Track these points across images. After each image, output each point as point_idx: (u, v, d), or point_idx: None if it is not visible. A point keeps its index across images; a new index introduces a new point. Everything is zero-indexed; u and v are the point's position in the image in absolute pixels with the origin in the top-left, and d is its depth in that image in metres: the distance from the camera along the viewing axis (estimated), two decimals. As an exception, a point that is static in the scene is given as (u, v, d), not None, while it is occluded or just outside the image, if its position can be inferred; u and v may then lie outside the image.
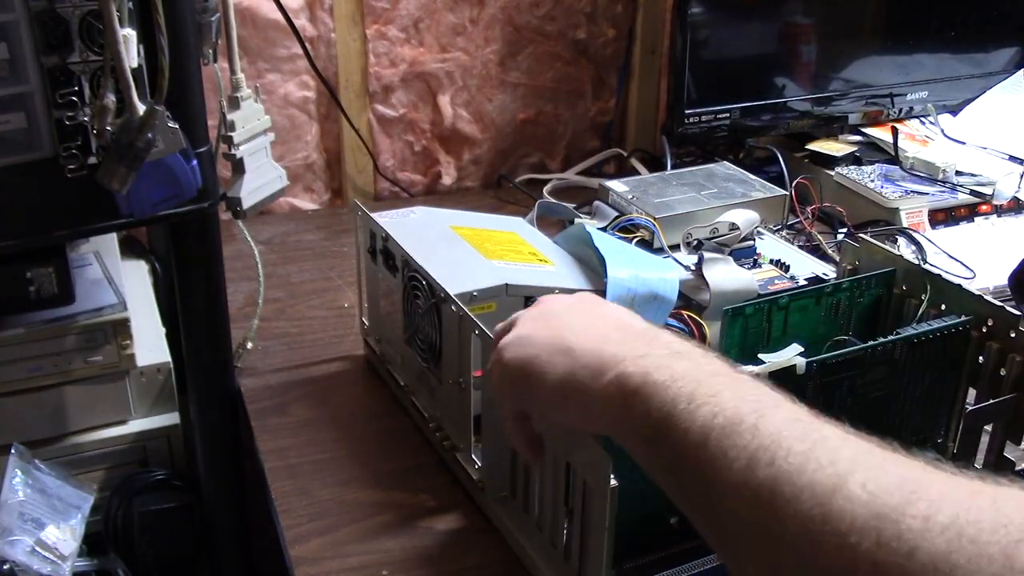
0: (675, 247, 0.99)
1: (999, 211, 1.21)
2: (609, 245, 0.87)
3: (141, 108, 0.67)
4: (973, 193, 1.21)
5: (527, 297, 0.79)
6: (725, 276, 0.89)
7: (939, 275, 0.77)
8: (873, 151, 1.32)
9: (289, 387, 0.92)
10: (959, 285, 0.76)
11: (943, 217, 1.19)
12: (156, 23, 0.67)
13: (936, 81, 1.37)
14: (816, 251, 1.06)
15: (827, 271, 0.94)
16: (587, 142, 1.46)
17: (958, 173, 1.23)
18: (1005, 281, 1.06)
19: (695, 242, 0.96)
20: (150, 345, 0.96)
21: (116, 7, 0.64)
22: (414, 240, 0.83)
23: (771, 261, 0.96)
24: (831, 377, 0.69)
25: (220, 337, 0.87)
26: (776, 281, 0.92)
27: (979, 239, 1.17)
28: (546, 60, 1.38)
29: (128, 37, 0.65)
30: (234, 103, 0.91)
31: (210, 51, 0.82)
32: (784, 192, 1.02)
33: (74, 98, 0.68)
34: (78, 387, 0.90)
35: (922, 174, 1.24)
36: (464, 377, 0.73)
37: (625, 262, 0.83)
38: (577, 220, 1.07)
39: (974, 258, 1.12)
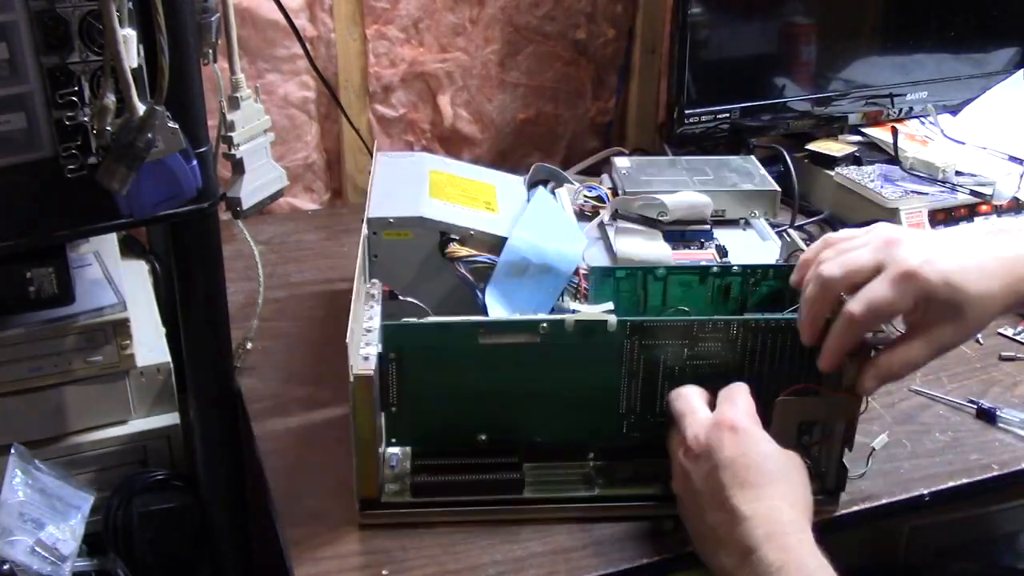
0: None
1: (999, 211, 1.21)
2: (539, 209, 0.90)
3: (141, 108, 0.67)
4: (973, 193, 1.21)
5: (441, 232, 0.84)
6: (634, 246, 0.93)
7: None
8: (873, 151, 1.31)
9: (289, 387, 0.92)
10: None
11: (943, 217, 1.19)
12: (156, 23, 0.67)
13: (936, 81, 1.36)
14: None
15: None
16: (587, 142, 1.46)
17: (958, 173, 1.23)
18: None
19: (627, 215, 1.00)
20: (150, 345, 0.96)
21: (116, 7, 0.64)
22: (388, 174, 0.92)
23: (716, 246, 0.97)
24: (652, 341, 0.74)
25: (220, 337, 0.87)
26: (702, 261, 0.94)
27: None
28: (546, 60, 1.38)
29: (128, 37, 0.65)
30: (234, 103, 0.91)
31: (210, 51, 0.82)
32: (775, 188, 1.03)
33: (74, 98, 0.68)
34: (78, 387, 0.90)
35: (922, 174, 1.24)
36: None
37: (534, 228, 0.86)
38: (567, 185, 1.08)
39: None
